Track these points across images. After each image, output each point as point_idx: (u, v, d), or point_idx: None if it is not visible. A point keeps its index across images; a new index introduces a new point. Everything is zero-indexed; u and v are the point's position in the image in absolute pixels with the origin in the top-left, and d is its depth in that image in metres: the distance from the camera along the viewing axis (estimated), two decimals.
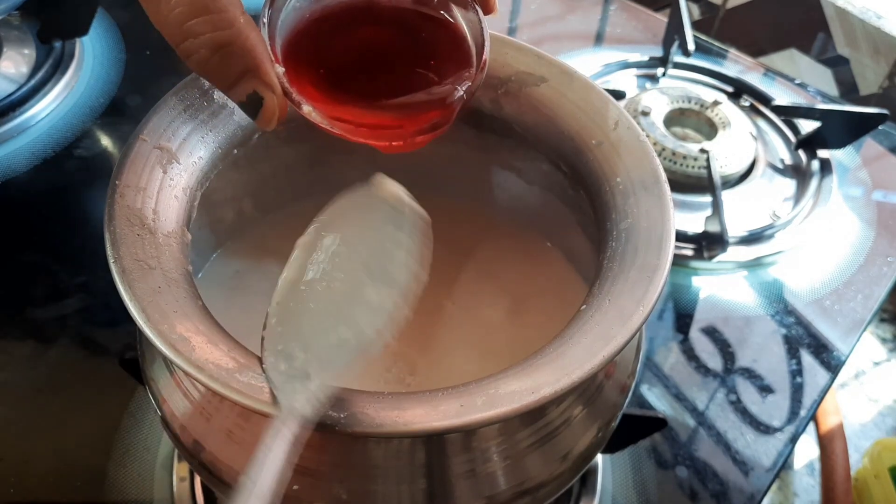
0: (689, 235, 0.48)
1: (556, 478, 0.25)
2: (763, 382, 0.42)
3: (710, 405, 0.41)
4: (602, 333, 0.21)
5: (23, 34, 0.54)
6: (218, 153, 0.28)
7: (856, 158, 0.56)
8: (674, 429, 0.40)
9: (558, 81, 0.29)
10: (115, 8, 0.60)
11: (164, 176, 0.25)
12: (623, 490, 0.38)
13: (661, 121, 0.53)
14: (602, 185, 0.27)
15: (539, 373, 0.21)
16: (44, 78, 0.51)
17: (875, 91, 0.68)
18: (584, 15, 0.67)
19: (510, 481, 0.24)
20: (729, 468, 0.39)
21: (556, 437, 0.25)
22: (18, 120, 0.49)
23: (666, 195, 0.25)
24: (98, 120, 0.51)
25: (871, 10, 0.66)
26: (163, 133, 0.26)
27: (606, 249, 0.25)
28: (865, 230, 0.51)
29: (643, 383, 0.42)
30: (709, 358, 0.43)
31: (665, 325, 0.45)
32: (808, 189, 0.51)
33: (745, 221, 0.49)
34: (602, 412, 0.26)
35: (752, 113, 0.58)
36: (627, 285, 0.23)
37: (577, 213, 0.31)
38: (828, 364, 0.43)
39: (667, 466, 0.39)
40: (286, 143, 0.31)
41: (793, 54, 0.72)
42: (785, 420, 0.41)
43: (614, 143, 0.27)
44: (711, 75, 0.60)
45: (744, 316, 0.45)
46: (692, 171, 0.50)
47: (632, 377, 0.28)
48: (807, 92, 0.61)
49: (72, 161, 0.49)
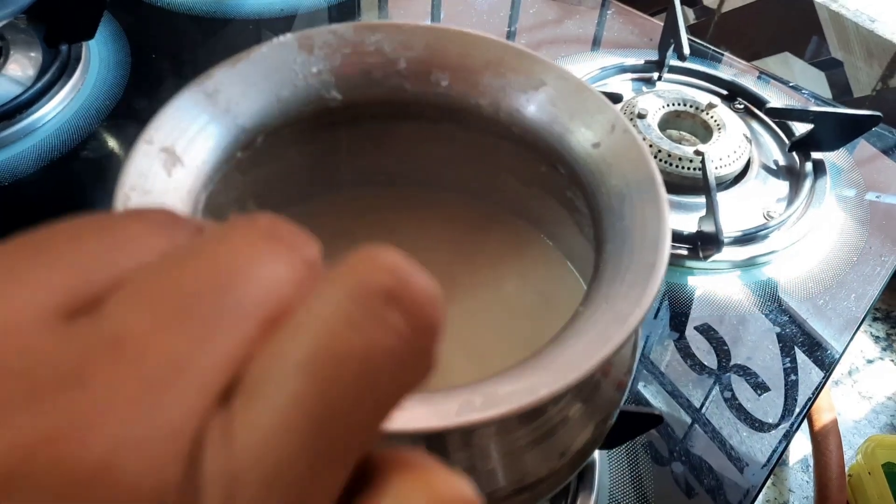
0: (685, 236, 0.48)
1: (554, 474, 0.26)
2: (758, 380, 0.43)
3: (705, 402, 0.42)
4: (599, 335, 0.22)
5: (29, 37, 0.55)
6: (222, 156, 0.28)
7: (849, 160, 0.57)
8: (670, 425, 0.41)
9: (556, 85, 0.29)
10: (120, 11, 0.60)
11: (170, 179, 0.26)
12: (620, 486, 0.38)
13: (656, 123, 0.53)
14: (599, 186, 0.27)
15: (537, 374, 0.21)
16: (50, 81, 0.52)
17: (868, 93, 0.69)
18: (582, 19, 0.67)
19: (509, 478, 0.24)
20: (724, 464, 0.39)
21: (554, 434, 0.25)
22: (25, 122, 0.50)
23: (662, 196, 0.26)
24: (104, 122, 0.52)
25: (865, 14, 0.67)
26: (168, 136, 0.26)
27: (603, 250, 0.26)
28: (859, 230, 0.51)
29: (639, 381, 0.42)
30: (704, 356, 0.44)
31: (661, 324, 0.46)
32: (801, 190, 0.52)
33: (740, 222, 0.50)
34: (599, 409, 0.27)
35: (747, 115, 0.58)
36: (624, 286, 0.23)
37: (575, 214, 0.32)
38: (822, 362, 0.44)
39: (663, 462, 0.39)
40: (290, 145, 0.31)
41: (787, 57, 0.73)
42: (779, 417, 0.41)
43: (611, 146, 0.28)
44: (706, 78, 0.60)
45: (738, 314, 0.46)
46: (687, 172, 0.51)
47: (628, 375, 0.28)
48: (801, 94, 0.61)
49: (78, 163, 0.49)
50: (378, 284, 0.09)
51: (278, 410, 0.09)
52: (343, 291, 0.09)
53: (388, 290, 0.09)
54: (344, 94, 0.30)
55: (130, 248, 0.10)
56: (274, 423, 0.08)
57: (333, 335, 0.09)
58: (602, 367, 0.21)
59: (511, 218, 0.36)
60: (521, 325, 0.33)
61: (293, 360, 0.09)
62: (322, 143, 0.33)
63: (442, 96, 0.31)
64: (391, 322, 0.09)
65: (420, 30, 0.30)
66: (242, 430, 0.08)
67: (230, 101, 0.28)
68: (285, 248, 0.10)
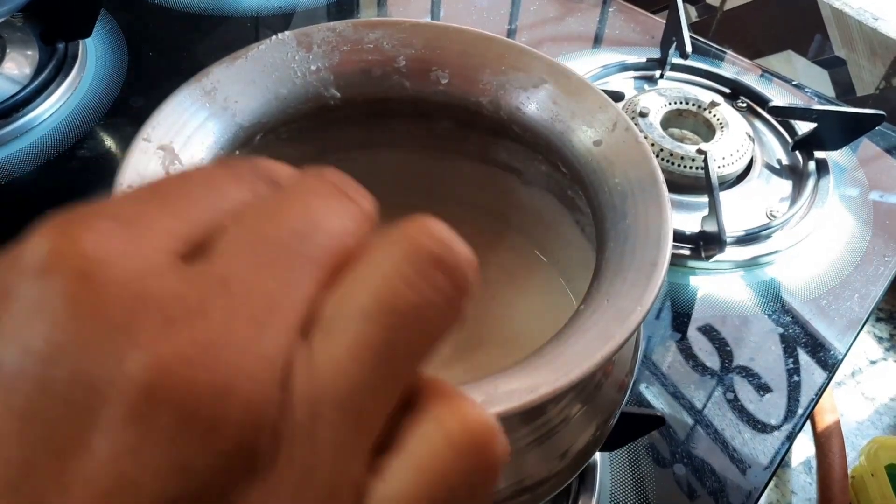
0: (687, 235, 0.48)
1: (555, 475, 0.25)
2: (760, 381, 0.43)
3: (707, 403, 0.42)
4: (600, 332, 0.22)
5: (26, 35, 0.54)
6: (220, 154, 0.28)
7: (852, 159, 0.56)
8: (672, 427, 0.40)
9: (557, 83, 0.29)
10: (117, 9, 0.60)
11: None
12: (621, 487, 0.38)
13: (658, 122, 0.53)
14: (600, 185, 0.27)
15: (538, 372, 0.21)
16: (47, 79, 0.51)
17: (872, 92, 0.68)
18: (583, 17, 0.67)
19: (509, 478, 0.24)
20: (726, 466, 0.39)
21: (555, 434, 0.25)
22: (21, 121, 0.50)
23: (664, 195, 0.25)
24: (101, 121, 0.52)
25: (868, 12, 0.67)
26: (165, 134, 0.26)
27: (605, 249, 0.26)
28: (862, 230, 0.51)
29: (641, 382, 0.42)
30: (706, 357, 0.44)
31: (663, 324, 0.45)
32: (804, 189, 0.52)
33: (742, 221, 0.49)
34: (600, 410, 0.27)
35: (750, 114, 0.58)
36: (626, 285, 0.23)
37: (576, 213, 0.32)
38: (824, 363, 0.44)
39: (665, 464, 0.39)
40: (288, 143, 0.31)
41: (790, 56, 0.73)
42: (782, 418, 0.41)
43: (613, 144, 0.27)
44: (709, 77, 0.60)
45: (741, 315, 0.46)
46: (690, 171, 0.50)
47: (630, 375, 0.28)
48: (804, 93, 0.61)
49: (75, 162, 0.49)
50: (428, 250, 0.11)
51: (350, 346, 0.11)
52: (400, 253, 0.11)
53: (437, 256, 0.11)
54: (343, 92, 0.30)
55: (225, 198, 0.12)
56: (346, 355, 0.11)
57: (394, 290, 0.11)
58: (603, 365, 0.21)
59: (510, 219, 0.35)
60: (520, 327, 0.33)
61: (361, 306, 0.11)
62: (322, 142, 0.33)
63: (442, 94, 0.30)
64: (438, 283, 0.11)
65: (420, 27, 0.30)
66: (321, 360, 0.11)
67: (228, 98, 0.28)
68: (349, 202, 0.12)
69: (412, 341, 0.11)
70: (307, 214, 0.12)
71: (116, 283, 0.10)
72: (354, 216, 0.12)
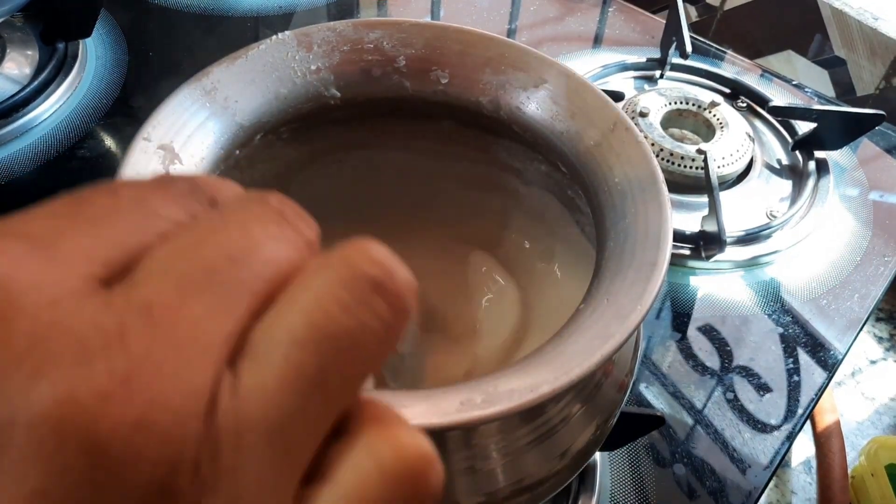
0: (687, 235, 0.48)
1: (555, 475, 0.25)
2: (760, 381, 0.43)
3: (707, 403, 0.42)
4: (600, 332, 0.22)
5: (26, 35, 0.54)
6: (220, 154, 0.28)
7: (852, 159, 0.56)
8: (672, 427, 0.40)
9: (557, 82, 0.29)
10: (117, 9, 0.60)
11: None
12: (621, 487, 0.38)
13: (658, 122, 0.53)
14: (600, 185, 0.27)
15: (538, 371, 0.21)
16: (47, 79, 0.51)
17: (872, 92, 0.68)
18: (583, 17, 0.67)
19: (509, 478, 0.24)
20: (726, 466, 0.39)
21: (555, 434, 0.25)
22: (21, 121, 0.50)
23: (663, 195, 0.25)
24: (101, 121, 0.52)
25: (868, 12, 0.67)
26: (165, 133, 0.26)
27: (605, 249, 0.26)
28: (862, 230, 0.51)
29: (641, 382, 0.42)
30: (706, 357, 0.44)
31: (663, 324, 0.45)
32: (804, 189, 0.52)
33: (742, 221, 0.49)
34: (600, 410, 0.27)
35: (750, 114, 0.58)
36: (625, 284, 0.23)
37: (576, 213, 0.32)
38: (824, 363, 0.44)
39: (665, 464, 0.39)
40: (287, 143, 0.31)
41: (790, 56, 0.73)
42: (782, 418, 0.41)
43: (613, 144, 0.27)
44: (709, 77, 0.60)
45: (741, 315, 0.46)
46: (690, 171, 0.50)
47: (630, 375, 0.28)
48: (804, 93, 0.61)
49: (75, 162, 0.49)
50: (367, 274, 0.11)
51: (278, 373, 0.10)
52: (335, 276, 0.11)
53: (375, 280, 0.11)
54: (343, 92, 0.30)
55: (156, 218, 0.11)
56: (274, 383, 0.10)
57: (327, 314, 0.10)
58: (603, 365, 0.21)
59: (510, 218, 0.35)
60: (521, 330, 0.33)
61: (293, 332, 0.10)
62: (321, 142, 0.33)
63: (442, 94, 0.30)
64: (376, 307, 0.11)
65: (420, 27, 0.30)
66: (247, 389, 0.10)
67: (228, 98, 0.28)
68: (290, 229, 0.12)
69: (346, 368, 0.11)
70: (243, 239, 0.11)
71: (25, 312, 0.09)
72: (294, 243, 0.11)
